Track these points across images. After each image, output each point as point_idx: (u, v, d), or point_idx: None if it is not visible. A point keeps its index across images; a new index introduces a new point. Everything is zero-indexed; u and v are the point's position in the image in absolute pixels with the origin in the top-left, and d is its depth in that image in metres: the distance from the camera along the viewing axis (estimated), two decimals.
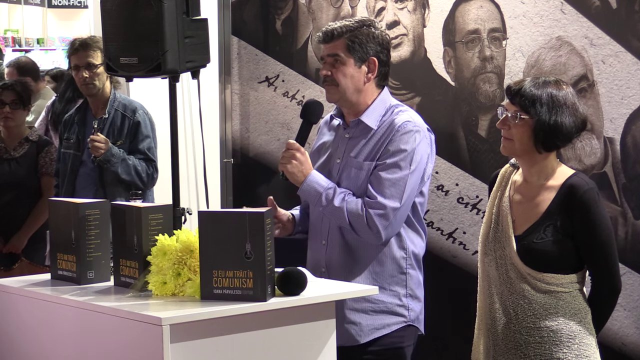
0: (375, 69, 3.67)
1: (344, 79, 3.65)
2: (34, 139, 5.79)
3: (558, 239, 3.31)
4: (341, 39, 3.65)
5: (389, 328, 3.68)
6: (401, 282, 3.68)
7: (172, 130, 5.01)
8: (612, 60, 4.28)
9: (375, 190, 3.58)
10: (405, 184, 3.58)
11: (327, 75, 3.68)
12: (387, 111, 3.69)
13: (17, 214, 5.69)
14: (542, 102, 3.31)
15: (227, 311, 2.96)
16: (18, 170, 5.71)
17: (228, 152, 5.29)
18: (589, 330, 3.34)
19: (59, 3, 13.10)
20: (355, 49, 3.64)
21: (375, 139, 3.66)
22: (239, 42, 5.23)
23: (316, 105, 3.78)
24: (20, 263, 5.67)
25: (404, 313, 3.69)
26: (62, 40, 12.15)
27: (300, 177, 3.65)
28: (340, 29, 3.66)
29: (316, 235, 3.78)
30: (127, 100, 5.42)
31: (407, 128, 3.61)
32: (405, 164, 3.58)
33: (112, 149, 5.14)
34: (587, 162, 4.31)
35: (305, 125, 3.74)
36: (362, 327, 3.67)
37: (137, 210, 3.20)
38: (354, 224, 3.59)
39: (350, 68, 3.65)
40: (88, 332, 3.13)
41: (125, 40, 4.72)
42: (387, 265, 3.68)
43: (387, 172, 3.58)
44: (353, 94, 3.67)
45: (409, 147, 3.59)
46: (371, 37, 3.66)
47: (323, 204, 3.62)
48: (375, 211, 3.56)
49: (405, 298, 3.69)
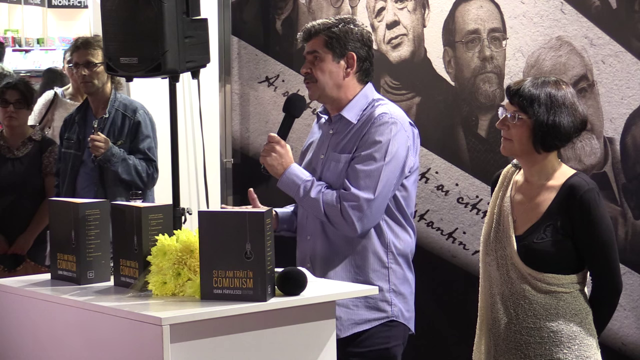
0: (354, 64, 3.70)
1: (322, 75, 3.68)
2: (37, 139, 5.77)
3: (558, 239, 3.31)
4: (319, 36, 3.70)
5: (370, 323, 3.66)
6: (383, 276, 3.68)
7: (172, 130, 5.01)
8: (612, 60, 4.28)
9: (350, 182, 3.60)
10: (379, 175, 3.58)
11: (307, 72, 3.72)
12: (369, 105, 3.71)
13: (21, 214, 5.67)
14: (541, 102, 3.31)
15: (227, 311, 2.96)
16: (21, 170, 5.70)
17: (228, 152, 5.29)
18: (590, 330, 3.34)
19: (59, 3, 13.09)
20: (333, 45, 3.68)
21: (354, 132, 3.68)
22: (239, 42, 5.23)
23: (298, 100, 3.83)
24: (25, 264, 5.65)
25: (386, 308, 3.68)
26: (62, 40, 12.14)
27: (280, 170, 3.67)
28: (318, 26, 3.72)
29: (302, 231, 3.80)
30: (128, 100, 5.42)
31: (382, 120, 3.63)
32: (379, 155, 3.59)
33: (113, 149, 5.14)
34: (587, 162, 4.31)
35: (287, 119, 3.77)
36: (342, 321, 3.64)
37: (137, 210, 3.20)
38: (330, 215, 3.61)
39: (329, 64, 3.68)
40: (88, 332, 3.13)
41: (125, 40, 4.72)
42: (369, 259, 3.67)
43: (362, 164, 3.60)
44: (332, 89, 3.69)
45: (384, 138, 3.61)
46: (349, 34, 3.70)
47: (300, 195, 3.65)
48: (349, 203, 3.57)
49: (389, 293, 3.68)
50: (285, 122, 3.76)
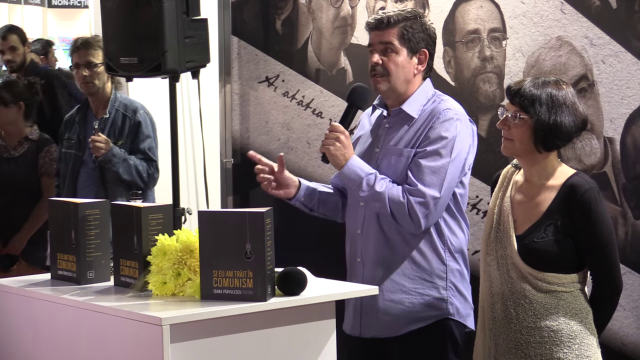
0: (425, 62, 3.62)
1: (395, 68, 3.58)
2: (34, 138, 5.76)
3: (559, 239, 3.31)
4: (396, 28, 3.58)
5: (425, 321, 3.59)
6: (441, 274, 3.61)
7: (172, 130, 5.02)
8: (612, 60, 4.28)
9: (416, 178, 3.51)
10: (445, 172, 3.51)
11: (377, 63, 3.59)
12: (429, 100, 3.63)
13: (17, 214, 5.66)
14: (542, 102, 3.31)
15: (227, 311, 2.96)
16: (17, 170, 5.68)
17: (228, 152, 5.29)
18: (590, 330, 3.34)
19: (59, 3, 13.08)
20: (409, 39, 3.58)
21: (416, 126, 3.59)
22: (239, 42, 5.23)
23: (364, 90, 3.68)
24: (19, 265, 5.63)
25: (442, 306, 3.60)
26: (62, 40, 12.14)
27: (342, 161, 3.55)
28: (396, 17, 3.59)
29: (352, 224, 3.71)
30: (128, 100, 5.42)
31: (448, 115, 3.55)
32: (446, 151, 3.51)
33: (113, 149, 5.14)
34: (587, 162, 4.31)
35: (351, 110, 3.64)
36: (398, 319, 3.59)
37: (137, 210, 3.20)
38: (395, 211, 3.51)
39: (403, 58, 3.59)
40: (88, 332, 3.13)
41: (125, 40, 4.73)
42: (426, 256, 3.60)
43: (428, 159, 3.51)
44: (402, 84, 3.61)
45: (449, 134, 3.53)
46: (424, 29, 3.61)
47: (364, 189, 3.53)
48: (416, 199, 3.48)
49: (445, 291, 3.61)
50: (347, 112, 3.63)
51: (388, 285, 3.61)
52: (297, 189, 3.73)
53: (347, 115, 3.64)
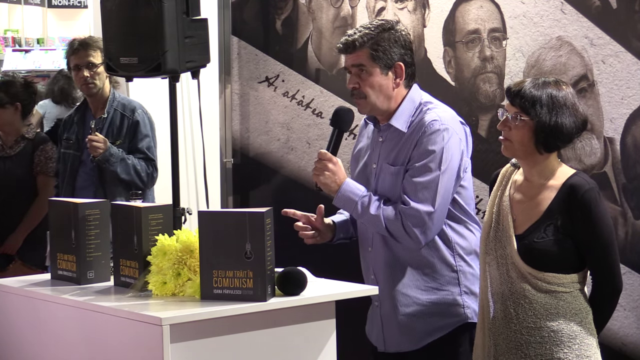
0: (403, 73, 3.59)
1: (372, 90, 3.56)
2: (30, 137, 5.74)
3: (559, 239, 3.31)
4: (364, 49, 3.55)
5: (444, 330, 3.59)
6: (453, 280, 3.60)
7: (172, 130, 5.02)
8: (612, 60, 4.28)
9: (409, 196, 3.50)
10: (437, 185, 3.49)
11: (354, 88, 3.59)
12: (417, 110, 3.60)
13: (12, 214, 5.63)
14: (542, 103, 3.31)
15: (227, 311, 2.96)
16: (13, 169, 5.66)
17: (228, 152, 5.28)
18: (590, 330, 3.34)
19: (59, 3, 13.08)
20: (379, 57, 3.55)
21: (407, 141, 3.58)
22: (239, 42, 5.23)
23: (346, 113, 3.67)
24: (15, 264, 5.61)
25: (459, 312, 3.60)
26: (62, 40, 12.13)
27: (334, 187, 3.57)
28: (362, 37, 3.55)
29: (364, 242, 3.73)
30: (126, 100, 5.41)
31: (433, 127, 3.53)
32: (434, 165, 3.50)
33: (111, 149, 5.14)
34: (587, 162, 4.31)
35: (336, 134, 3.64)
36: (416, 332, 3.60)
37: (137, 210, 3.20)
38: (392, 231, 3.52)
39: (377, 77, 3.56)
40: (88, 332, 3.13)
41: (125, 40, 4.72)
42: (436, 265, 3.59)
43: (418, 176, 3.51)
44: (384, 102, 3.59)
45: (437, 147, 3.51)
46: (393, 41, 3.57)
47: (359, 212, 3.56)
48: (411, 217, 3.48)
49: (460, 296, 3.61)
50: (333, 137, 3.64)
51: (402, 300, 3.61)
52: (334, 231, 3.74)
53: (332, 139, 3.65)
